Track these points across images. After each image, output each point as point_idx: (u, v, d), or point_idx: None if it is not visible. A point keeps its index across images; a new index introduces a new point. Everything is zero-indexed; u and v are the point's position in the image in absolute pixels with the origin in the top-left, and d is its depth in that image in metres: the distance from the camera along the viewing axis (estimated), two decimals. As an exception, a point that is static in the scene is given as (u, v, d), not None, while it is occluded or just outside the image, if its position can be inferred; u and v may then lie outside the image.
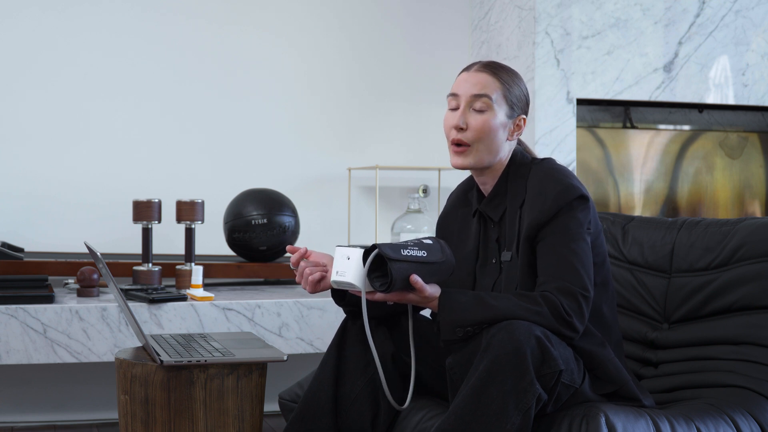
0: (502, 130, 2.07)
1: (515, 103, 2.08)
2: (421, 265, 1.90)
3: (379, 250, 1.87)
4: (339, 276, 1.93)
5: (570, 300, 1.92)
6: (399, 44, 4.01)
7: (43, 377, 3.44)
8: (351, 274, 1.91)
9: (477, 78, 2.07)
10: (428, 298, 1.92)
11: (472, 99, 2.05)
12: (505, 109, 2.07)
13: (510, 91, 2.07)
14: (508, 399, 1.79)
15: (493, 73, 2.07)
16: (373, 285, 1.91)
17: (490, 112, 2.05)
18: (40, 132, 3.62)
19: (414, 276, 1.88)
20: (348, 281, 1.91)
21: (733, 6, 3.78)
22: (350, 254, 1.92)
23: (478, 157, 2.06)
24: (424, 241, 1.95)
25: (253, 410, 2.20)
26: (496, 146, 2.07)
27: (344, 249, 1.93)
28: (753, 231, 2.28)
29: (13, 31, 3.60)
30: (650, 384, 2.29)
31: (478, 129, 2.05)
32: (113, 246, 3.61)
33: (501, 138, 2.07)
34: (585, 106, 3.76)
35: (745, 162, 4.02)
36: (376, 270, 1.91)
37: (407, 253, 1.89)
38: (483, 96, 2.05)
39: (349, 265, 1.91)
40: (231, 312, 3.00)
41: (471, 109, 2.06)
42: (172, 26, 3.75)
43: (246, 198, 3.44)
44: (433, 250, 1.94)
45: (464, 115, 2.06)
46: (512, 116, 2.08)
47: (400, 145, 4.00)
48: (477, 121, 2.05)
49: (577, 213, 1.99)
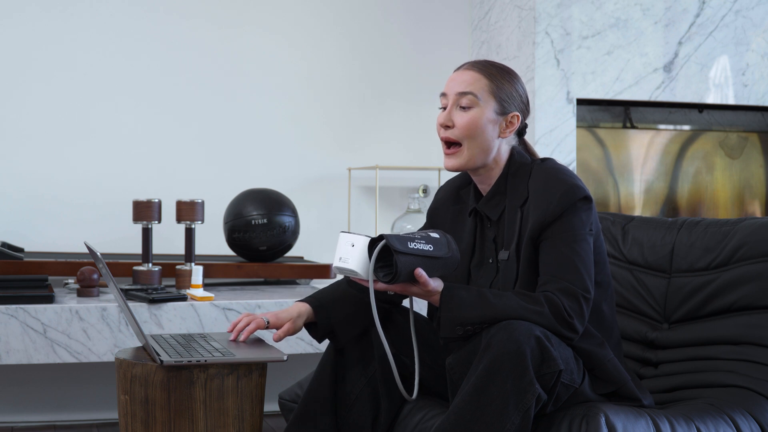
0: (492, 126, 2.05)
1: (505, 99, 2.06)
2: (427, 259, 1.89)
3: (386, 241, 1.86)
4: (342, 262, 1.91)
5: (571, 301, 1.92)
6: (399, 44, 4.01)
7: (43, 377, 3.44)
8: (354, 261, 1.90)
9: (464, 76, 2.07)
10: (431, 292, 1.92)
11: (458, 97, 2.05)
12: (493, 106, 2.05)
13: (499, 87, 2.06)
14: (508, 399, 1.79)
15: (481, 69, 2.07)
16: (376, 275, 1.90)
17: (477, 108, 2.05)
18: (40, 132, 3.62)
19: (419, 270, 1.88)
20: (351, 268, 1.90)
21: (733, 6, 3.78)
22: (355, 241, 1.90)
23: (468, 157, 2.06)
24: (431, 234, 1.93)
25: (253, 410, 2.20)
26: (487, 143, 2.06)
27: (349, 235, 1.91)
28: (753, 231, 2.28)
29: (13, 30, 3.60)
30: (650, 384, 2.29)
31: (463, 126, 2.04)
32: (113, 246, 3.61)
33: (491, 135, 2.06)
34: (585, 106, 3.76)
35: (745, 162, 4.02)
36: (380, 260, 1.90)
37: (414, 246, 1.88)
38: (468, 93, 2.04)
39: (352, 252, 1.90)
40: (231, 312, 3.00)
41: (458, 106, 2.06)
42: (172, 26, 3.75)
43: (246, 198, 3.44)
44: (440, 245, 1.92)
45: (450, 113, 2.06)
46: (503, 113, 2.06)
47: (400, 145, 4.00)
48: (463, 119, 2.05)
49: (581, 214, 1.99)
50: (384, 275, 1.89)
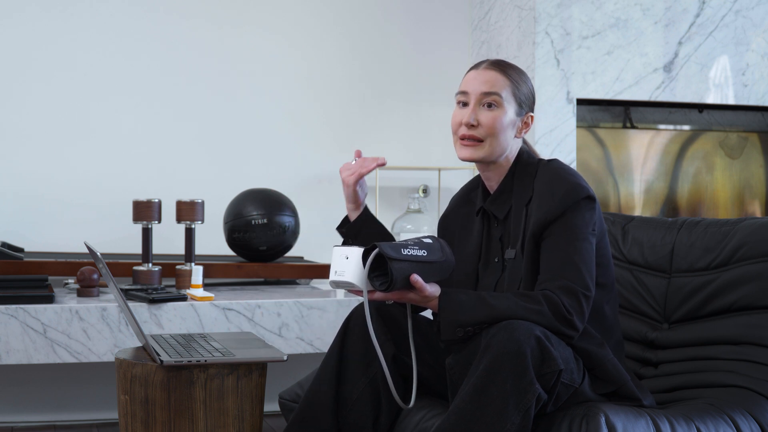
0: (512, 127, 2.08)
1: (523, 100, 2.10)
2: (422, 264, 1.90)
3: (379, 249, 1.86)
4: (338, 276, 1.92)
5: (571, 298, 1.92)
6: (399, 44, 4.01)
7: (43, 377, 3.44)
8: (350, 273, 1.90)
9: (486, 76, 2.08)
10: (428, 297, 1.92)
11: (482, 96, 2.06)
12: (514, 107, 2.08)
13: (518, 88, 2.09)
14: (508, 399, 1.79)
15: (502, 70, 2.09)
16: (373, 284, 1.90)
17: (500, 109, 2.06)
18: (40, 132, 3.62)
19: (414, 275, 1.89)
20: (347, 280, 1.91)
21: (733, 6, 3.78)
22: (349, 253, 1.91)
23: (489, 151, 2.07)
24: (424, 240, 1.94)
25: (253, 410, 2.20)
26: (506, 143, 2.08)
27: (342, 248, 1.92)
28: (753, 231, 2.28)
29: (13, 30, 3.60)
30: (650, 384, 2.29)
31: (489, 125, 2.05)
32: (113, 246, 3.61)
33: (510, 135, 2.08)
34: (585, 106, 3.76)
35: (745, 162, 4.02)
36: (375, 269, 1.91)
37: (407, 252, 1.89)
38: (493, 94, 2.06)
39: (347, 264, 1.91)
40: (231, 312, 3.00)
41: (481, 106, 2.07)
42: (172, 26, 3.75)
43: (246, 198, 3.44)
44: (433, 250, 1.93)
45: (475, 111, 2.07)
46: (521, 114, 2.10)
47: (400, 145, 4.00)
48: (488, 118, 2.06)
49: (583, 212, 1.99)
50: (380, 284, 1.89)
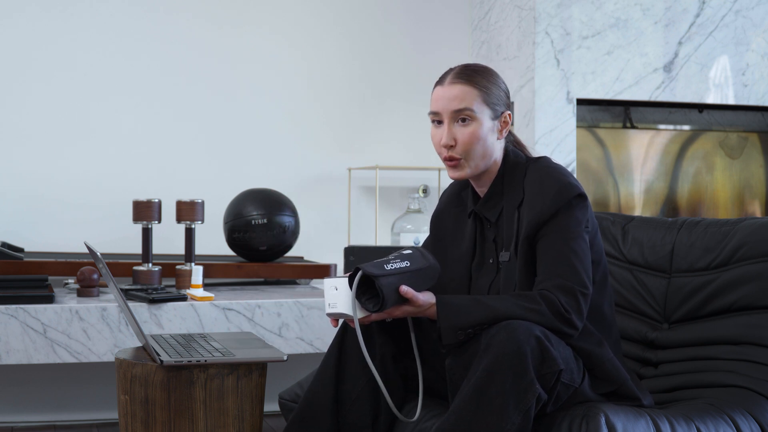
0: (491, 133, 2.06)
1: (497, 103, 2.06)
2: (408, 274, 1.92)
3: (362, 270, 1.87)
4: (331, 308, 1.94)
5: (568, 297, 1.92)
6: (399, 44, 4.01)
7: (43, 377, 3.44)
8: (341, 303, 1.92)
9: (453, 91, 2.04)
10: (423, 306, 1.93)
11: (454, 114, 2.04)
12: (488, 113, 2.05)
13: (489, 94, 2.05)
14: (508, 399, 1.79)
15: (468, 80, 2.05)
16: (366, 307, 1.92)
17: (475, 122, 2.04)
18: (40, 132, 3.62)
19: (404, 287, 1.90)
20: (340, 311, 1.93)
21: (733, 6, 3.78)
22: (337, 284, 1.93)
23: (473, 167, 2.06)
24: (404, 251, 1.97)
25: (253, 410, 2.20)
26: (489, 151, 2.06)
27: (332, 280, 1.94)
28: (753, 231, 2.28)
29: (13, 30, 3.60)
30: (650, 384, 2.29)
31: (467, 142, 2.04)
32: (113, 246, 3.61)
33: (491, 141, 2.06)
34: (585, 106, 3.76)
35: (745, 162, 4.02)
36: (366, 292, 1.92)
37: (391, 267, 1.90)
38: (464, 110, 2.03)
39: (338, 295, 1.92)
40: (231, 312, 3.00)
41: (455, 122, 2.05)
42: (172, 26, 3.75)
43: (246, 198, 3.44)
44: (415, 258, 1.95)
45: (450, 131, 2.04)
46: (497, 117, 2.07)
47: (400, 145, 4.00)
48: (464, 135, 2.04)
49: (575, 211, 1.99)
50: (373, 306, 1.90)
